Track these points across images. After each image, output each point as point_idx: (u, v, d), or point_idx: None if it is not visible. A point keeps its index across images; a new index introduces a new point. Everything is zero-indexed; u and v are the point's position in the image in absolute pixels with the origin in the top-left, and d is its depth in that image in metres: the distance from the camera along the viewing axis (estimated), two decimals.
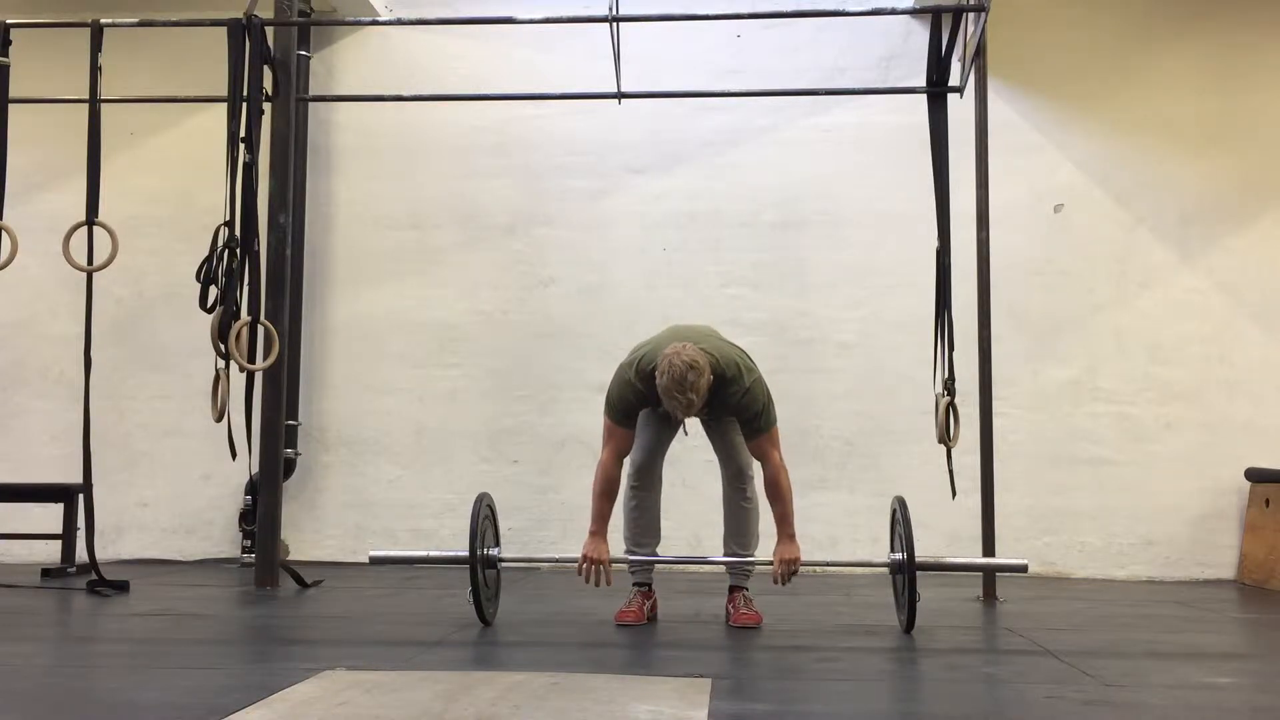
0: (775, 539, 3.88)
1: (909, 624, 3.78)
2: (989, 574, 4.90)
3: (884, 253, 6.08)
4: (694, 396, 3.67)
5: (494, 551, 3.95)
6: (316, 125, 6.35)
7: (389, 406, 6.21)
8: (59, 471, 5.80)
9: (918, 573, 3.75)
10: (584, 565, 3.87)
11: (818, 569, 5.94)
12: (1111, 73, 6.13)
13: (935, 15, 5.00)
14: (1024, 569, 4.13)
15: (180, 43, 5.98)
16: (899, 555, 3.83)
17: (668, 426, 4.10)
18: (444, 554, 4.18)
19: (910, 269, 5.61)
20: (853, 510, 5.99)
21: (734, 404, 3.82)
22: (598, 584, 3.87)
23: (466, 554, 3.79)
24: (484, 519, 3.86)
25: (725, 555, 4.10)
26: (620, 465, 3.94)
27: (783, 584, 3.87)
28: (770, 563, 3.85)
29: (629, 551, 4.12)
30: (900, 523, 3.81)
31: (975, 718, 2.77)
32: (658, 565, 4.19)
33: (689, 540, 5.86)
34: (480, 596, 3.82)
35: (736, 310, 5.97)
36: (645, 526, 4.09)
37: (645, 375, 3.80)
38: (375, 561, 4.19)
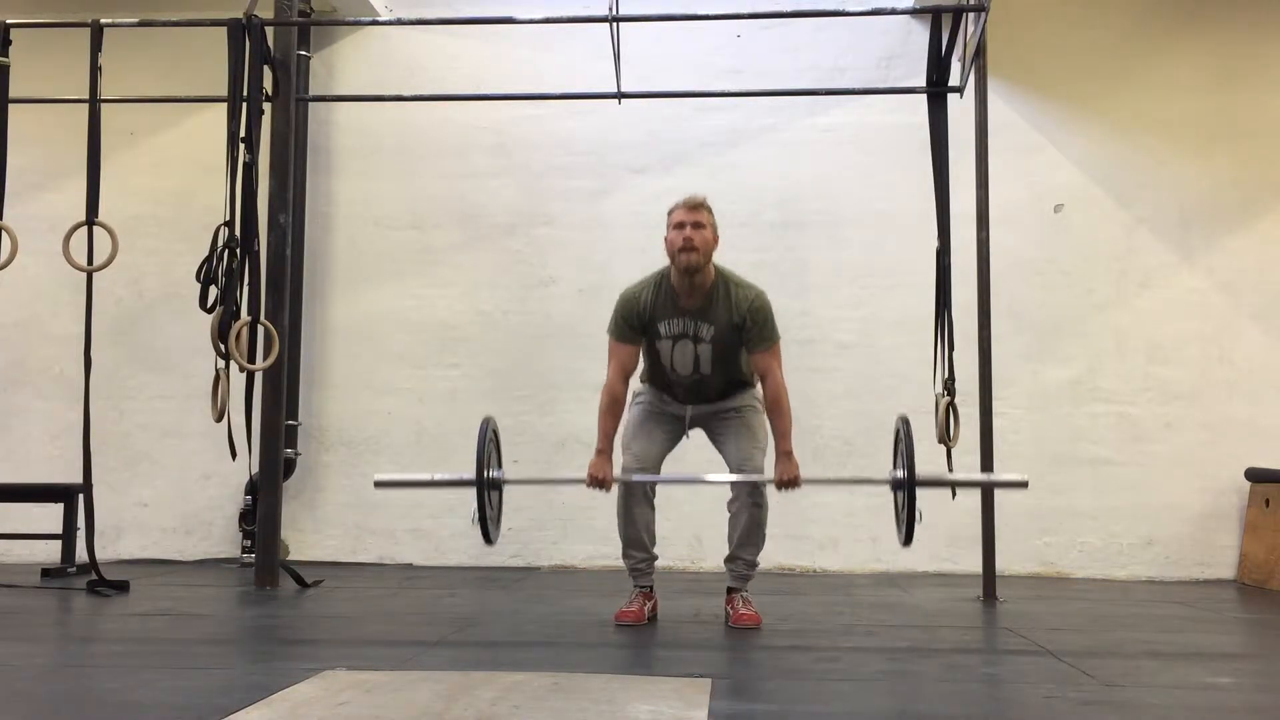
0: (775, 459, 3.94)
1: (907, 539, 3.82)
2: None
3: (884, 253, 6.08)
4: (703, 217, 3.89)
5: (498, 474, 3.99)
6: (316, 125, 6.35)
7: (389, 406, 6.21)
8: (59, 471, 5.81)
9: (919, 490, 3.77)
10: (590, 484, 3.94)
11: (817, 570, 5.95)
12: (1111, 73, 6.13)
13: (935, 15, 5.00)
14: (1024, 484, 4.15)
15: (180, 43, 5.98)
16: (900, 472, 3.85)
17: (668, 432, 4.08)
18: (451, 477, 4.19)
19: (910, 269, 5.61)
20: (853, 510, 5.99)
21: (744, 307, 3.91)
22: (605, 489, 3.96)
23: (473, 477, 3.83)
24: (489, 443, 3.90)
25: (729, 563, 4.10)
26: (624, 383, 4.01)
27: (780, 491, 3.95)
28: (771, 481, 3.92)
29: (625, 557, 4.12)
30: (903, 441, 3.84)
31: (975, 718, 2.78)
32: (658, 567, 4.18)
33: (689, 540, 5.87)
34: (486, 517, 3.85)
35: None
36: (634, 537, 4.08)
37: (643, 284, 4.01)
38: (380, 485, 4.24)
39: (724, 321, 3.93)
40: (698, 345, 3.95)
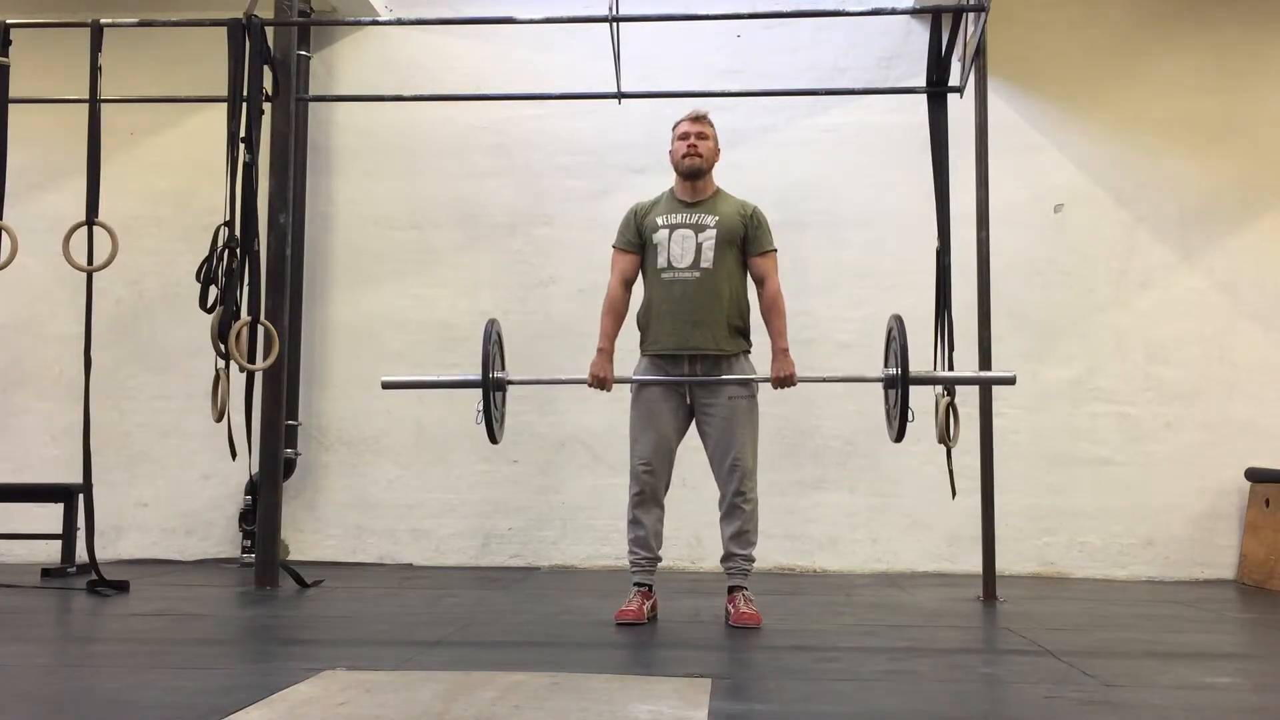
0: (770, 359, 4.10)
1: (899, 435, 4.03)
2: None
3: (884, 253, 6.08)
4: (706, 128, 4.12)
5: (503, 375, 4.12)
6: (316, 125, 6.35)
7: (389, 406, 6.21)
8: (59, 471, 5.81)
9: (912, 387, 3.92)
10: (592, 383, 4.09)
11: (817, 570, 5.96)
12: (1111, 73, 6.13)
13: (935, 15, 5.00)
14: (1012, 380, 4.32)
15: (180, 43, 5.98)
16: (893, 370, 4.00)
17: (674, 422, 4.07)
18: (458, 377, 4.36)
19: (910, 269, 5.61)
20: (853, 510, 5.99)
21: (750, 208, 4.16)
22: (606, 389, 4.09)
23: (479, 377, 3.97)
24: (494, 344, 4.03)
25: (726, 561, 4.10)
26: (626, 289, 4.19)
27: (776, 389, 4.08)
28: (768, 380, 4.06)
29: (630, 553, 4.13)
30: (896, 339, 3.98)
31: (975, 718, 2.78)
32: (658, 567, 4.18)
33: (689, 540, 5.87)
34: (491, 418, 4.00)
35: None
36: (641, 537, 4.09)
37: (647, 199, 4.25)
38: (387, 386, 4.37)
39: (729, 213, 4.12)
40: (700, 234, 4.08)
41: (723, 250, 4.06)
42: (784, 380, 4.04)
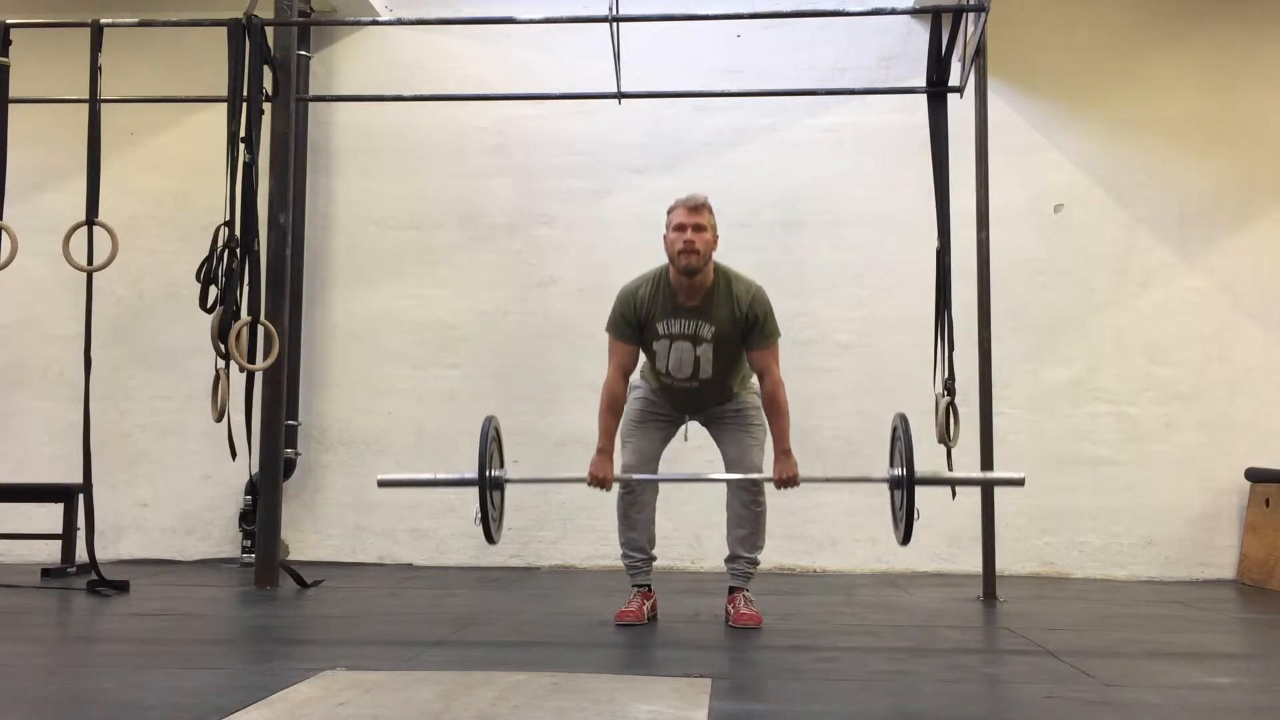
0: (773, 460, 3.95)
1: (905, 538, 3.84)
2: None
3: (884, 253, 6.07)
4: (704, 218, 3.85)
5: (501, 473, 3.99)
6: (316, 125, 6.35)
7: (389, 406, 6.21)
8: (59, 471, 5.81)
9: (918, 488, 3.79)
10: (591, 483, 3.94)
11: (817, 570, 5.95)
12: (1111, 73, 6.13)
13: (935, 15, 5.00)
14: (1020, 482, 4.11)
15: (180, 43, 5.99)
16: (898, 471, 3.85)
17: (664, 428, 4.09)
18: (454, 476, 4.20)
19: (910, 269, 5.60)
20: (853, 510, 5.99)
21: (746, 302, 3.90)
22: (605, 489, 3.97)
23: (476, 475, 3.82)
24: (491, 441, 3.89)
25: (730, 562, 4.10)
26: (624, 382, 4.00)
27: (779, 490, 3.95)
28: (770, 479, 3.92)
29: (624, 556, 4.13)
30: (900, 439, 3.84)
31: (975, 718, 2.78)
32: (658, 567, 4.18)
33: (689, 540, 5.87)
34: (488, 517, 3.85)
35: None
36: (633, 539, 4.09)
37: (641, 280, 3.99)
38: (383, 484, 4.20)
39: (725, 319, 3.90)
40: (697, 346, 3.92)
41: (720, 357, 3.96)
42: (787, 482, 3.89)
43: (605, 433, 3.94)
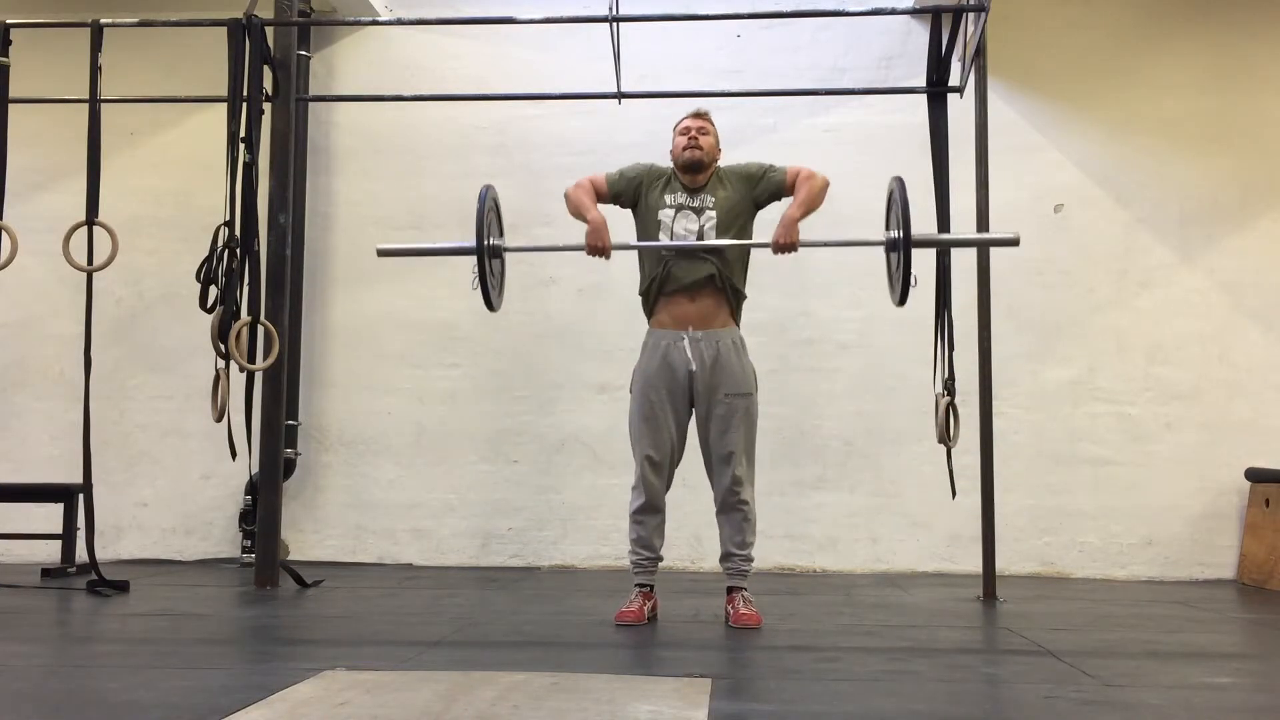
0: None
1: (902, 299, 4.04)
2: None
3: (884, 253, 6.06)
4: (707, 124, 4.11)
5: (499, 241, 4.08)
6: (316, 125, 6.35)
7: (389, 406, 6.21)
8: (59, 471, 5.81)
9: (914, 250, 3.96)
10: (590, 252, 4.03)
11: (817, 570, 5.96)
12: (1111, 73, 6.13)
13: (935, 15, 5.00)
14: (1015, 242, 4.24)
15: (180, 43, 5.99)
16: (895, 233, 3.97)
17: (677, 416, 4.05)
18: (453, 245, 4.31)
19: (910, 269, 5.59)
20: (853, 510, 5.99)
21: (748, 169, 4.18)
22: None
23: (474, 245, 3.92)
24: (489, 211, 3.98)
25: (724, 561, 4.10)
26: (592, 187, 4.15)
27: (776, 254, 4.08)
28: (768, 245, 4.06)
29: (631, 553, 4.13)
30: (897, 202, 3.96)
31: (975, 718, 2.78)
32: (659, 568, 4.18)
33: (689, 540, 5.87)
34: (488, 284, 3.97)
35: None
36: (644, 537, 4.09)
37: (659, 166, 4.20)
38: (383, 254, 4.30)
39: (731, 191, 4.12)
40: (701, 215, 4.08)
41: (726, 223, 4.08)
42: (785, 247, 4.03)
43: (589, 206, 4.08)
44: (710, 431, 4.05)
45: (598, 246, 3.99)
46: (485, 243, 3.92)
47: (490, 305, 4.07)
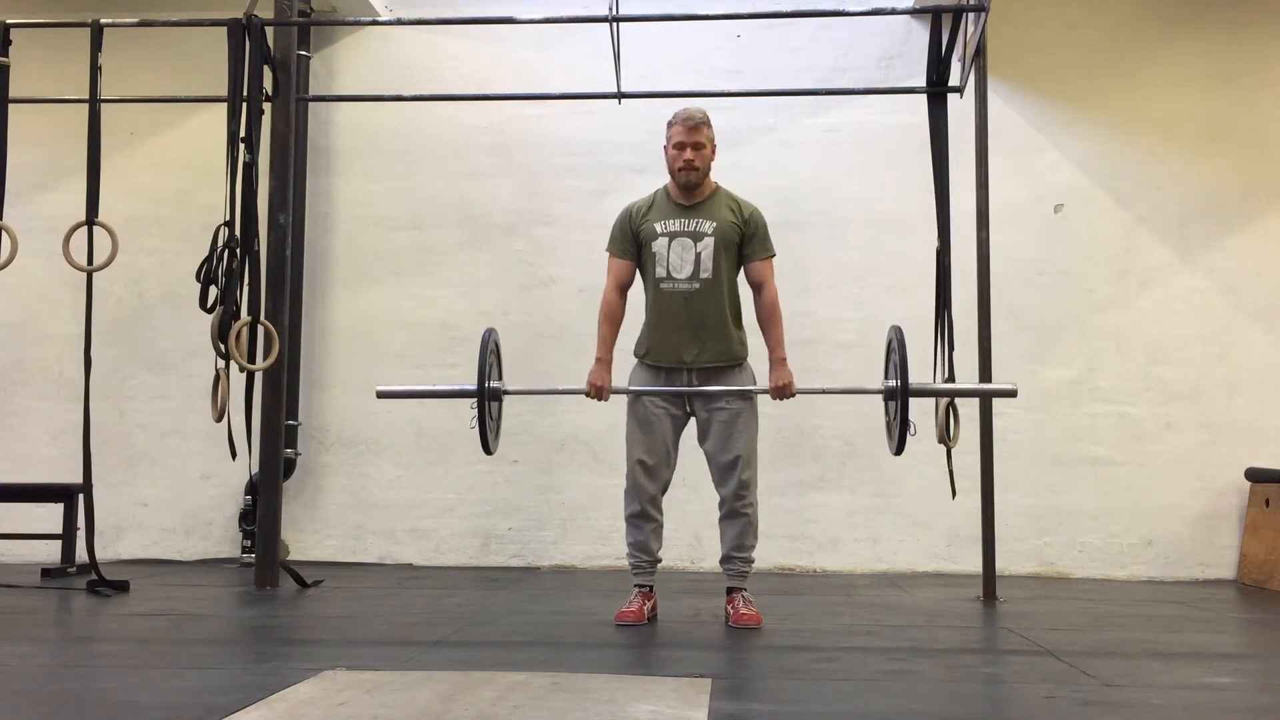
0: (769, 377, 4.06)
1: (899, 448, 4.00)
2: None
3: (884, 253, 6.08)
4: (703, 136, 4.02)
5: (499, 384, 4.10)
6: (316, 125, 6.35)
7: (389, 407, 6.19)
8: (59, 471, 5.81)
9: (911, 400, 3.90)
10: (589, 393, 4.06)
11: (817, 570, 5.96)
12: (1111, 73, 6.13)
13: (935, 15, 5.00)
14: (1013, 393, 4.26)
15: (180, 43, 5.99)
16: (893, 382, 3.99)
17: (671, 426, 4.06)
18: (454, 388, 4.34)
19: (910, 269, 5.61)
20: (853, 510, 5.99)
21: (747, 210, 4.12)
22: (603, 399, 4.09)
23: (474, 387, 3.95)
24: (490, 354, 4.01)
25: (725, 563, 4.10)
26: (621, 295, 4.14)
27: (775, 400, 4.07)
28: (766, 391, 4.04)
29: (629, 556, 4.13)
30: (895, 351, 3.97)
31: (975, 718, 2.78)
32: (659, 568, 4.18)
33: (689, 540, 5.87)
34: (486, 427, 3.97)
35: None
36: (641, 540, 4.10)
37: (642, 199, 4.19)
38: (382, 396, 4.34)
39: (725, 217, 4.07)
40: (698, 242, 4.03)
41: (720, 258, 4.03)
42: (782, 390, 4.01)
43: (603, 342, 4.09)
44: (712, 436, 4.05)
45: (597, 385, 4.04)
46: (486, 385, 3.95)
47: (487, 449, 4.05)
